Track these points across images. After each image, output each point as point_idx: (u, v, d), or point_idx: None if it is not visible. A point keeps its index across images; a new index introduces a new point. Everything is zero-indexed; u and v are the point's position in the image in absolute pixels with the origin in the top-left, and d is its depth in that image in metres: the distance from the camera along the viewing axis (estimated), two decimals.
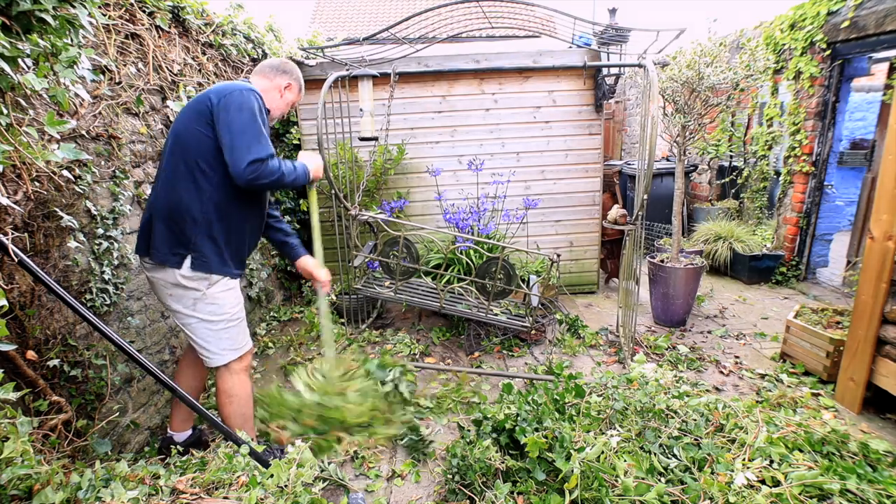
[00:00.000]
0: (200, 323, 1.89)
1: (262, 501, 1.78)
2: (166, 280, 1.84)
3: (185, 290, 1.85)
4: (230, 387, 1.99)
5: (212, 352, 1.93)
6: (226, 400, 1.99)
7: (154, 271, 1.86)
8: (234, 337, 1.97)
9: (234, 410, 2.00)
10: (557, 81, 4.06)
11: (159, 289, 1.89)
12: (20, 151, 1.49)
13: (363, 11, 12.63)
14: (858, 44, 3.82)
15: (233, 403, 2.00)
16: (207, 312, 1.89)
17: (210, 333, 1.91)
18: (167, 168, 1.82)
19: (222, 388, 1.99)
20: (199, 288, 1.85)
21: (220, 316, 1.91)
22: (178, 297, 1.86)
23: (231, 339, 1.95)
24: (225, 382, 1.98)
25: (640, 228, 3.03)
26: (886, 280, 2.31)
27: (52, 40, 1.45)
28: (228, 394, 1.99)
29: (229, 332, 1.95)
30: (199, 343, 1.93)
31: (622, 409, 2.25)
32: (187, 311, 1.88)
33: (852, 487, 1.68)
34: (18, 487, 1.38)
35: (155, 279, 1.88)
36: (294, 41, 4.14)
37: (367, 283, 3.45)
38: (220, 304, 1.90)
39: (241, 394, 2.00)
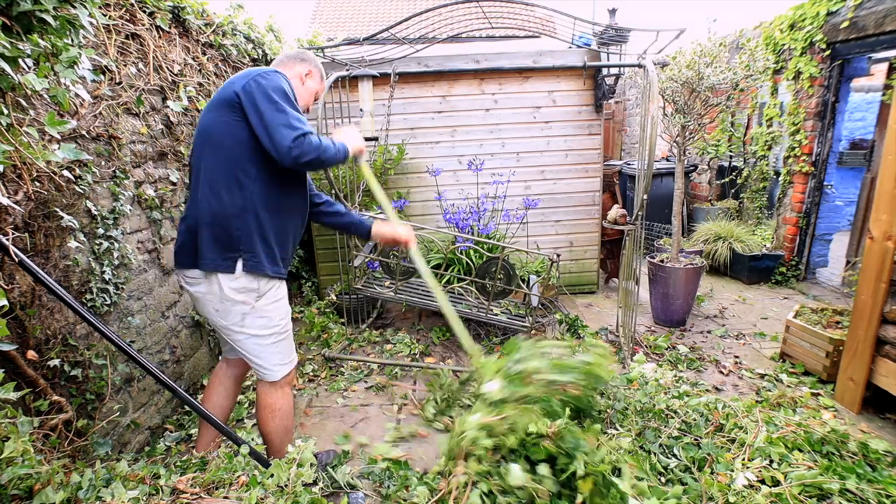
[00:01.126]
0: (250, 339, 1.80)
1: (262, 501, 1.78)
2: (213, 294, 1.73)
3: (233, 304, 1.73)
4: (274, 401, 1.91)
5: (265, 367, 1.85)
6: (269, 415, 1.92)
7: (198, 285, 1.75)
8: (284, 350, 1.89)
9: (279, 425, 1.94)
10: (557, 81, 4.06)
11: (204, 305, 1.78)
12: (21, 151, 1.49)
13: (363, 12, 12.63)
14: (858, 44, 3.82)
15: (276, 418, 1.93)
16: (257, 327, 1.78)
17: (260, 349, 1.82)
18: (203, 171, 1.70)
19: (266, 402, 1.91)
20: (247, 301, 1.74)
21: (270, 329, 1.81)
22: (224, 312, 1.74)
23: (281, 354, 1.87)
24: (269, 397, 1.91)
25: (640, 228, 3.03)
26: (886, 280, 2.31)
27: (52, 40, 1.45)
28: (272, 408, 1.91)
29: (279, 346, 1.86)
30: (251, 358, 1.85)
31: (622, 409, 2.26)
32: (236, 328, 1.77)
33: (852, 487, 1.68)
34: (19, 487, 1.38)
35: (200, 294, 1.76)
36: (294, 41, 4.15)
37: (367, 283, 3.46)
38: (269, 316, 1.80)
39: (284, 407, 1.94)
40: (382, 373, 3.10)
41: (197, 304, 1.83)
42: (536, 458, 1.53)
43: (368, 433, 2.46)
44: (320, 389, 2.92)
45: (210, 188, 1.68)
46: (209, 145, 1.70)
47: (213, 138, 1.69)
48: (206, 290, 1.74)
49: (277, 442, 1.96)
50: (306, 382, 3.00)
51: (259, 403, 1.93)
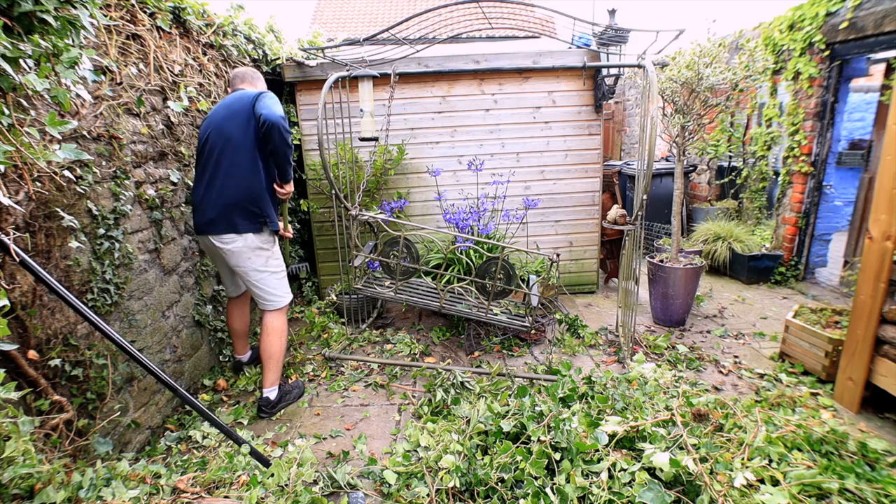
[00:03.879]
0: (271, 275, 2.54)
1: (262, 501, 1.79)
2: (248, 246, 2.43)
3: (261, 250, 2.48)
4: (279, 324, 2.59)
5: (278, 296, 2.57)
6: (277, 335, 2.57)
7: (234, 243, 2.41)
8: (286, 284, 2.65)
9: (282, 345, 2.60)
10: (557, 82, 4.06)
11: (239, 255, 2.44)
12: (22, 152, 1.49)
13: (363, 12, 12.63)
14: (857, 44, 3.83)
15: (282, 338, 2.60)
16: (275, 266, 2.56)
17: (276, 282, 2.56)
18: (231, 165, 2.37)
19: (274, 326, 2.57)
20: (268, 248, 2.51)
21: (281, 267, 2.60)
22: (255, 258, 2.47)
23: (285, 287, 2.63)
24: (276, 320, 2.58)
25: (640, 228, 3.04)
26: (885, 280, 2.31)
27: (53, 41, 1.46)
28: (279, 330, 2.58)
29: (285, 281, 2.63)
30: (267, 291, 2.53)
31: (622, 409, 2.26)
32: (262, 267, 2.50)
33: (851, 486, 1.69)
34: (20, 486, 1.39)
35: (237, 249, 2.42)
36: (294, 41, 4.15)
37: (367, 282, 3.46)
38: (279, 259, 2.60)
39: (283, 329, 2.61)
40: (382, 372, 3.10)
41: (228, 258, 2.46)
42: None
43: (369, 433, 2.46)
44: (320, 389, 2.92)
45: (239, 178, 2.38)
46: (230, 146, 2.37)
47: (237, 143, 2.37)
48: (241, 245, 2.43)
49: (277, 359, 2.58)
50: (307, 382, 3.00)
51: (268, 329, 2.56)
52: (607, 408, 2.26)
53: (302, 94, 4.01)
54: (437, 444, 2.16)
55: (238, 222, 2.39)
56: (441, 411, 2.55)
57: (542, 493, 1.73)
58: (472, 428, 2.16)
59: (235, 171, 2.37)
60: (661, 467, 1.72)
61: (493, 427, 2.11)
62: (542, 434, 1.96)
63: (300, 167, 4.22)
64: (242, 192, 2.38)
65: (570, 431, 1.94)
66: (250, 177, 2.39)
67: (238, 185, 2.38)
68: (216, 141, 2.37)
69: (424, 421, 2.44)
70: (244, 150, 2.38)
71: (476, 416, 2.22)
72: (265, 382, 2.60)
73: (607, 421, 2.02)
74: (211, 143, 2.39)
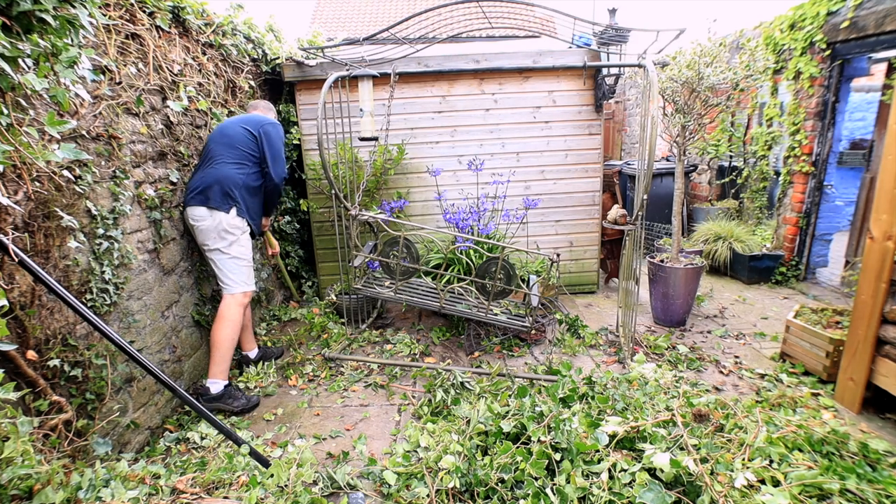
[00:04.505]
0: (231, 259, 2.67)
1: (262, 501, 1.79)
2: (216, 225, 2.60)
3: (227, 233, 2.63)
4: (231, 313, 2.65)
5: (234, 281, 2.68)
6: (225, 324, 2.62)
7: (203, 221, 2.59)
8: (248, 274, 2.75)
9: (228, 334, 2.62)
10: (557, 81, 4.06)
11: (206, 233, 2.61)
12: (20, 151, 1.49)
13: (363, 12, 12.62)
14: (858, 44, 3.82)
15: (228, 328, 2.63)
16: (238, 252, 2.69)
17: (235, 268, 2.68)
18: (219, 153, 2.66)
19: (225, 313, 2.65)
20: (235, 234, 2.66)
21: (244, 256, 2.72)
22: (219, 239, 2.63)
23: (245, 276, 2.73)
24: (229, 308, 2.66)
25: (640, 228, 3.03)
26: (886, 280, 2.31)
27: (52, 40, 1.45)
28: (229, 318, 2.64)
29: (247, 270, 2.74)
30: (226, 274, 2.67)
31: (622, 410, 2.26)
32: (225, 249, 2.64)
33: (852, 487, 1.68)
34: (19, 487, 1.38)
35: (205, 227, 2.60)
36: (294, 41, 4.14)
37: (367, 283, 3.45)
38: (245, 247, 2.73)
39: (236, 320, 2.66)
40: (382, 373, 3.10)
41: (199, 235, 2.64)
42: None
43: (368, 433, 2.46)
44: (320, 389, 2.92)
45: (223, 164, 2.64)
46: (225, 137, 2.70)
47: (232, 139, 2.70)
48: (212, 223, 2.60)
49: (224, 349, 2.61)
50: (306, 382, 3.00)
51: (220, 314, 2.66)
52: (608, 408, 2.26)
53: (301, 93, 4.01)
54: (437, 445, 2.16)
55: (211, 197, 2.58)
56: (441, 412, 2.54)
57: (543, 494, 1.72)
58: (472, 428, 2.15)
59: (223, 159, 2.65)
60: (662, 468, 1.71)
61: (494, 427, 2.10)
62: (543, 434, 1.96)
63: (300, 167, 4.22)
64: (223, 175, 2.62)
65: (570, 432, 1.94)
66: (234, 169, 2.66)
67: (221, 170, 2.63)
68: (217, 136, 2.72)
69: (424, 421, 2.44)
70: (237, 151, 2.68)
71: (476, 417, 2.21)
72: (209, 372, 2.61)
73: (608, 421, 2.01)
74: (212, 138, 2.74)
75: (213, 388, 2.59)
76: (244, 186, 2.70)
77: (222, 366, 2.61)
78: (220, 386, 2.61)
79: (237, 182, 2.66)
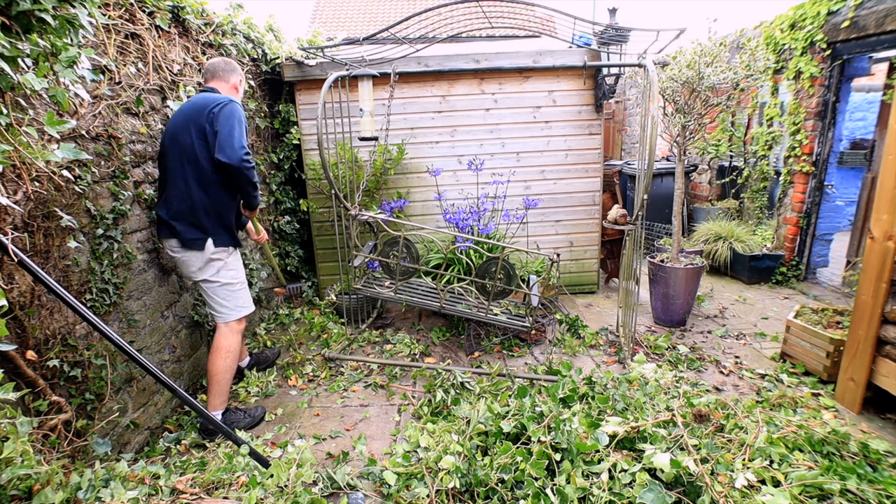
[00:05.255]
0: (222, 287, 2.41)
1: (261, 501, 1.78)
2: (195, 256, 2.32)
3: (210, 262, 2.36)
4: (229, 343, 2.43)
5: (227, 308, 2.43)
6: (224, 354, 2.41)
7: (182, 253, 2.32)
8: (244, 297, 2.50)
9: (228, 365, 2.42)
10: (557, 81, 4.06)
11: (188, 265, 2.34)
12: (20, 151, 1.49)
13: (363, 11, 12.62)
14: (858, 44, 3.82)
15: (227, 358, 2.42)
16: (228, 277, 2.42)
17: (228, 294, 2.43)
18: (178, 177, 2.25)
19: (222, 344, 2.41)
20: (220, 258, 2.38)
21: (236, 280, 2.45)
22: (204, 269, 2.36)
23: (241, 300, 2.49)
24: (226, 338, 2.43)
25: (640, 228, 3.03)
26: (886, 280, 2.30)
27: (51, 40, 1.45)
28: (227, 349, 2.42)
29: (242, 293, 2.49)
30: (218, 302, 2.42)
31: (623, 410, 2.25)
32: (213, 278, 2.38)
33: (852, 487, 1.68)
34: (18, 487, 1.38)
35: (185, 259, 2.33)
36: (294, 41, 4.14)
37: (367, 283, 3.45)
38: (236, 268, 2.46)
39: (234, 350, 2.45)
40: (382, 373, 3.09)
41: (180, 266, 2.39)
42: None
43: (368, 433, 2.45)
44: (320, 389, 2.91)
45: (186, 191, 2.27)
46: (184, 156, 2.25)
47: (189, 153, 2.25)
48: (190, 255, 2.32)
49: (223, 381, 2.42)
50: (306, 382, 2.99)
51: (215, 345, 2.42)
52: (608, 408, 2.25)
53: (301, 93, 4.01)
54: (436, 445, 2.16)
55: (180, 234, 2.27)
56: (441, 412, 2.54)
57: (543, 494, 1.72)
58: (472, 428, 2.15)
59: (181, 184, 2.25)
60: (662, 468, 1.71)
61: (494, 428, 2.10)
62: (543, 435, 1.96)
63: (300, 167, 4.22)
64: (187, 206, 2.25)
65: (570, 432, 1.93)
66: (197, 191, 2.25)
67: (182, 199, 2.26)
68: (170, 148, 2.26)
69: (424, 421, 2.44)
70: (194, 163, 2.24)
71: (476, 417, 2.21)
72: (208, 403, 2.44)
73: (608, 421, 2.01)
74: (165, 150, 2.28)
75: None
76: (216, 208, 2.32)
77: (221, 397, 2.44)
78: (219, 416, 2.44)
79: (206, 208, 2.27)
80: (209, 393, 2.43)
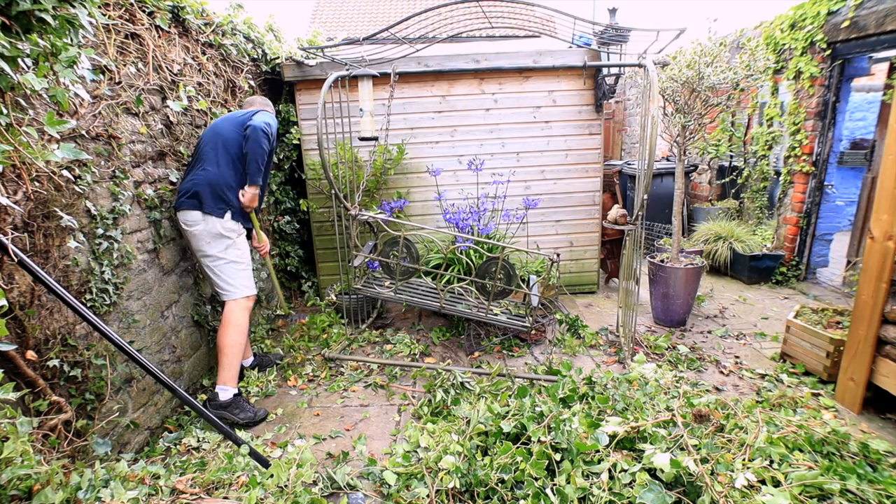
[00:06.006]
0: (229, 264, 2.59)
1: (261, 501, 1.78)
2: (209, 230, 2.52)
3: (222, 237, 2.56)
4: (237, 318, 2.59)
5: (234, 286, 2.60)
6: (231, 329, 2.56)
7: (196, 226, 2.50)
8: (249, 278, 2.68)
9: (235, 339, 2.56)
10: (557, 81, 4.06)
11: (200, 238, 2.53)
12: (20, 151, 1.49)
13: (363, 11, 12.62)
14: (859, 44, 3.82)
15: (235, 332, 2.56)
16: (235, 255, 2.61)
17: (234, 272, 2.60)
18: (212, 154, 2.55)
19: (230, 319, 2.58)
20: (231, 237, 2.58)
21: (242, 259, 2.64)
22: (215, 243, 2.55)
23: (246, 279, 2.66)
24: (234, 314, 2.59)
25: (640, 228, 3.03)
26: (886, 280, 2.30)
27: (51, 40, 1.45)
28: (235, 324, 2.57)
29: (246, 273, 2.66)
30: (224, 280, 2.59)
31: (623, 410, 2.25)
32: (221, 254, 2.57)
33: (852, 487, 1.68)
34: (18, 487, 1.38)
35: (199, 231, 2.51)
36: (294, 41, 4.14)
37: (367, 283, 3.45)
38: (242, 249, 2.66)
39: (242, 325, 2.60)
40: (382, 373, 3.09)
41: (192, 240, 2.56)
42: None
43: (368, 433, 2.45)
44: (320, 389, 2.91)
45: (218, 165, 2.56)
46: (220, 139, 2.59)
47: (226, 139, 2.59)
48: (205, 228, 2.52)
49: (231, 355, 2.55)
50: (306, 382, 2.99)
51: (224, 320, 2.59)
52: (608, 408, 2.25)
53: (301, 93, 4.01)
54: (436, 445, 2.16)
55: (205, 201, 2.49)
56: (441, 412, 2.54)
57: (543, 494, 1.72)
58: (472, 428, 2.15)
59: (216, 159, 2.55)
60: (662, 468, 1.71)
61: (494, 428, 2.10)
62: (543, 435, 1.96)
63: (300, 167, 4.22)
64: (216, 177, 2.53)
65: (570, 432, 1.93)
66: (227, 169, 2.56)
67: (214, 172, 2.53)
68: (209, 136, 2.61)
69: (424, 421, 2.44)
70: (230, 148, 2.57)
71: (476, 417, 2.21)
72: (218, 378, 2.55)
73: (608, 421, 2.01)
74: (205, 138, 2.63)
75: (223, 394, 2.52)
76: (238, 189, 2.61)
77: (231, 371, 2.54)
78: (230, 393, 2.53)
79: (230, 184, 2.57)
80: (220, 367, 2.55)
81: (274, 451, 2.23)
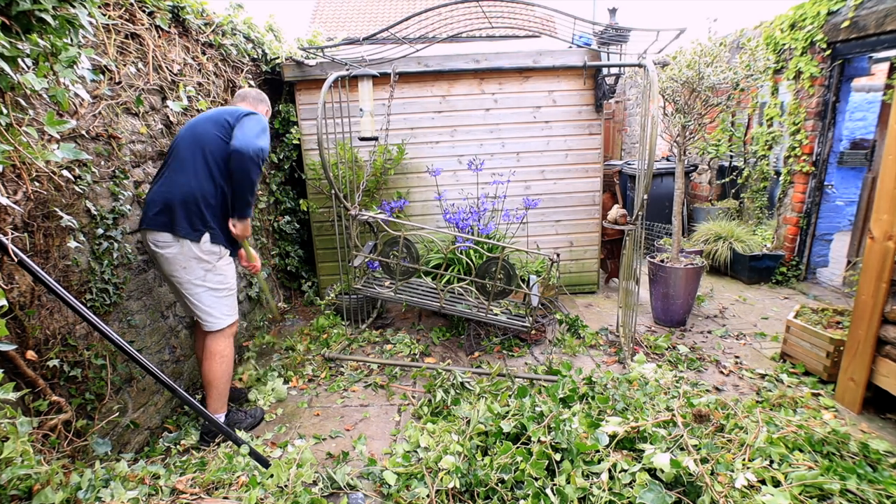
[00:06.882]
0: (208, 291, 2.24)
1: (261, 501, 1.78)
2: (184, 254, 2.14)
3: (199, 262, 2.18)
4: (223, 348, 2.33)
5: (215, 317, 2.28)
6: (219, 360, 2.31)
7: (169, 248, 2.13)
8: (231, 304, 2.36)
9: (224, 370, 2.33)
10: (557, 81, 4.05)
11: (173, 263, 2.16)
12: (20, 151, 1.49)
13: (363, 11, 12.62)
14: (859, 44, 3.82)
15: (223, 363, 2.32)
16: (215, 282, 2.25)
17: (214, 300, 2.27)
18: (188, 160, 2.14)
19: (216, 349, 2.30)
20: (210, 260, 2.21)
21: (224, 285, 2.29)
22: (191, 269, 2.18)
23: (229, 306, 2.34)
24: (219, 344, 2.31)
25: (640, 228, 3.03)
26: (886, 280, 2.30)
27: (51, 40, 1.45)
28: (221, 354, 2.32)
29: (229, 300, 2.33)
30: (204, 310, 2.26)
31: (623, 410, 2.25)
32: (198, 281, 2.21)
33: (852, 487, 1.68)
34: (18, 487, 1.38)
35: (171, 255, 2.14)
36: (294, 41, 4.14)
37: (367, 283, 3.45)
38: (224, 275, 2.29)
39: (229, 355, 2.35)
40: (382, 373, 3.09)
41: (164, 264, 2.18)
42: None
43: (368, 433, 2.45)
44: (320, 389, 2.91)
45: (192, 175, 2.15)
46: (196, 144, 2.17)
47: (202, 140, 2.18)
48: (177, 251, 2.15)
49: (221, 386, 2.34)
50: (306, 382, 2.99)
51: (208, 351, 2.31)
52: (608, 408, 2.25)
53: (301, 93, 4.01)
54: (436, 445, 2.16)
55: (177, 221, 2.10)
56: (441, 412, 2.54)
57: (543, 494, 1.72)
58: (472, 428, 2.15)
59: (194, 169, 2.13)
60: (662, 468, 1.71)
61: (494, 428, 2.10)
62: (543, 435, 1.96)
63: (300, 167, 4.22)
64: (191, 191, 2.10)
65: (570, 432, 1.93)
66: (205, 180, 2.14)
67: (188, 183, 2.11)
68: (187, 139, 2.19)
69: (424, 421, 2.43)
70: (208, 153, 2.15)
71: (476, 417, 2.21)
72: (209, 408, 2.34)
73: (608, 421, 2.01)
74: (181, 141, 2.20)
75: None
76: (220, 206, 2.21)
77: (221, 401, 2.36)
78: (221, 418, 2.39)
79: (209, 202, 2.15)
80: (208, 398, 2.33)
81: (274, 451, 2.23)
